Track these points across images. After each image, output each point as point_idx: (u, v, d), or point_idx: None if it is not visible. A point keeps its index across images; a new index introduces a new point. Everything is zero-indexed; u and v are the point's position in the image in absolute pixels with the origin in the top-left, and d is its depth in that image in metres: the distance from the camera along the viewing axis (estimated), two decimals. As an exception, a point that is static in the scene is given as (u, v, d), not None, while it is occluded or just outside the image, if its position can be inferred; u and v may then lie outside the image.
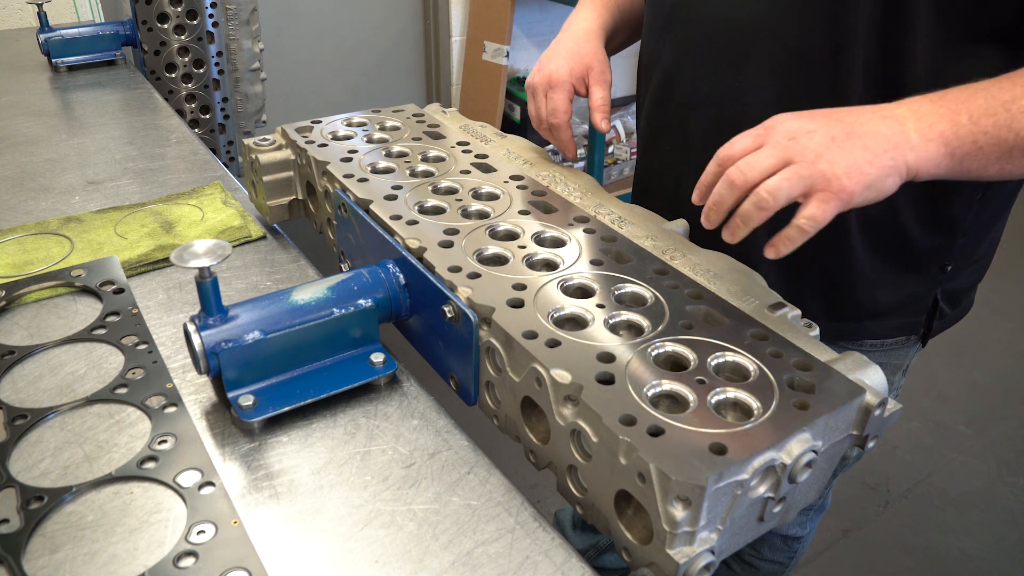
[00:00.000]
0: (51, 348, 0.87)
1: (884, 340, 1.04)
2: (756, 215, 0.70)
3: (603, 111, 1.01)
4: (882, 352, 1.05)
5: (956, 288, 1.03)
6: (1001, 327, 2.87)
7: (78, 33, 1.88)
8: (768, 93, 0.91)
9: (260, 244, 1.11)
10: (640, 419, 0.58)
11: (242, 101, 2.04)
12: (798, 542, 1.39)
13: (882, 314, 1.01)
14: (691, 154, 1.00)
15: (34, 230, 1.12)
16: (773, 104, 0.90)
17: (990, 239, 1.03)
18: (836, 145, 0.68)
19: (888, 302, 1.00)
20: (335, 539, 0.64)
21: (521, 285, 0.75)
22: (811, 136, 0.69)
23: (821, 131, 0.69)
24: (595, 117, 1.01)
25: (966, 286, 1.05)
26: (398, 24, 3.49)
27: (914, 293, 1.00)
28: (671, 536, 0.54)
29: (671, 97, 1.02)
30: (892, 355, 1.06)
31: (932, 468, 2.27)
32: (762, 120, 0.75)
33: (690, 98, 0.98)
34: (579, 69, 1.02)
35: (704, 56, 0.96)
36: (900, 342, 1.05)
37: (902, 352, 1.07)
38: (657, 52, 1.04)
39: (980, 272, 1.07)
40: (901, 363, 1.08)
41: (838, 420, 0.61)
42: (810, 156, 0.68)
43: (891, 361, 1.06)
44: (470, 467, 0.72)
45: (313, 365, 0.79)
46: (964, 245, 0.98)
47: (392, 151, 1.04)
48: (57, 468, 0.70)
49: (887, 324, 1.02)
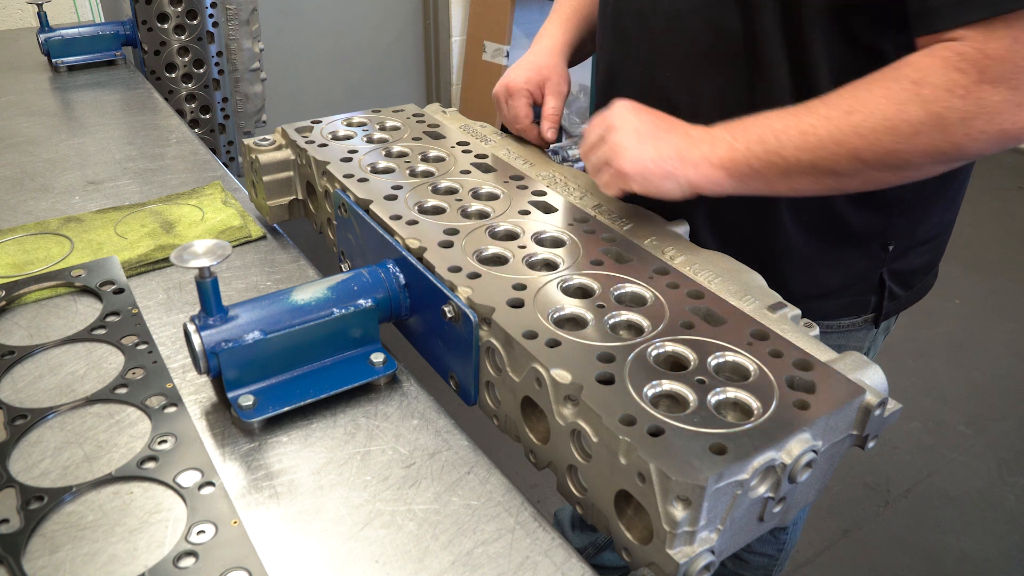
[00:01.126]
0: (51, 348, 0.87)
1: (836, 321, 1.06)
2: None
3: (551, 120, 1.09)
4: (839, 334, 1.07)
5: (905, 269, 1.04)
6: (1001, 327, 2.88)
7: (78, 33, 1.88)
8: (695, 85, 0.94)
9: (260, 244, 1.11)
10: (640, 419, 0.58)
11: (242, 101, 2.04)
12: (785, 533, 1.39)
13: (826, 294, 1.03)
14: None
15: (34, 230, 1.12)
16: (702, 96, 0.94)
17: (936, 221, 1.04)
18: (636, 138, 0.83)
19: (831, 282, 1.02)
20: (335, 539, 0.64)
21: (521, 285, 0.75)
22: (625, 128, 0.84)
23: (635, 127, 0.84)
24: (543, 126, 1.09)
25: (916, 267, 1.06)
26: (398, 24, 3.49)
27: (857, 272, 1.02)
28: (671, 536, 0.54)
29: (612, 90, 1.05)
30: (850, 338, 1.08)
31: (932, 468, 2.27)
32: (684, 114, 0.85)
33: (627, 91, 1.01)
34: (536, 78, 1.10)
35: (636, 49, 1.00)
36: (856, 324, 1.07)
37: (859, 335, 1.08)
38: (602, 50, 1.09)
39: (932, 255, 1.08)
40: (861, 346, 1.10)
41: (838, 420, 0.61)
42: (612, 139, 0.84)
43: (849, 344, 1.08)
44: (470, 467, 0.72)
45: (313, 365, 0.79)
46: (905, 225, 1.00)
47: (392, 151, 1.04)
48: (57, 468, 0.70)
49: (834, 304, 1.04)
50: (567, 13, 1.18)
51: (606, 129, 0.85)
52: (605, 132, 0.85)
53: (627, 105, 0.86)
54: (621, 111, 0.85)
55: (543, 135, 1.08)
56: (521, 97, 1.09)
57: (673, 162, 0.81)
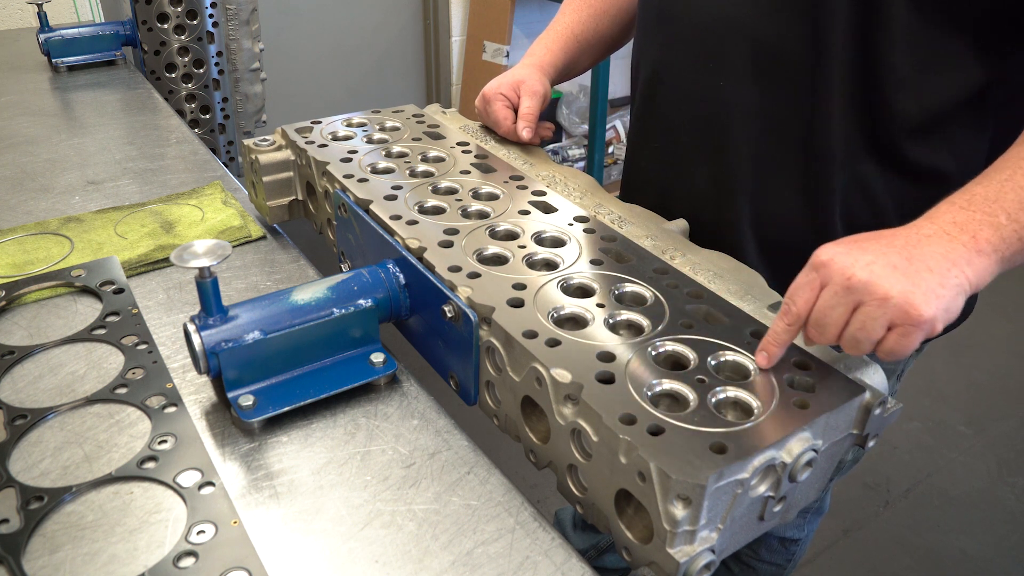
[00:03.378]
0: (51, 348, 0.87)
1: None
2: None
3: (526, 119, 1.07)
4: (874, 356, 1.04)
5: None
6: (1001, 327, 2.87)
7: (78, 33, 1.88)
8: (749, 94, 0.92)
9: (260, 244, 1.11)
10: (640, 418, 0.58)
11: (242, 101, 2.04)
12: (796, 544, 1.38)
13: None
14: (678, 153, 1.02)
15: (34, 230, 1.12)
16: (752, 105, 0.91)
17: None
18: (900, 274, 0.64)
19: None
20: (335, 539, 0.64)
21: (521, 285, 0.75)
22: (871, 269, 0.64)
23: (879, 261, 0.64)
24: (518, 125, 1.08)
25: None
26: (398, 24, 3.49)
27: None
28: (671, 535, 0.54)
29: (657, 96, 1.03)
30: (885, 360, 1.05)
31: (932, 468, 2.27)
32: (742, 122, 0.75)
33: (675, 97, 0.99)
34: (511, 82, 1.10)
35: (687, 56, 0.97)
36: None
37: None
38: (645, 51, 1.06)
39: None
40: (895, 368, 1.08)
41: (838, 419, 0.61)
42: (879, 293, 0.63)
43: (885, 366, 1.06)
44: (470, 467, 0.72)
45: (313, 365, 0.79)
46: None
47: (392, 151, 1.04)
48: (57, 468, 0.70)
49: None
50: (560, 33, 1.17)
51: (847, 289, 0.64)
52: (850, 293, 0.64)
53: (840, 250, 0.66)
54: (843, 258, 0.65)
55: (519, 134, 1.07)
56: (497, 101, 1.09)
57: (953, 272, 0.65)
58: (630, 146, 1.16)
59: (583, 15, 1.16)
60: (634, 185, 1.16)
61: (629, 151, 1.16)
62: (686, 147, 1.00)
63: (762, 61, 0.89)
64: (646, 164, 1.10)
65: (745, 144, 0.93)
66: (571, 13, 1.17)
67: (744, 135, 0.92)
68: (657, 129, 1.05)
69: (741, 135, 0.93)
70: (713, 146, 0.96)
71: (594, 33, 1.17)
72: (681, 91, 0.99)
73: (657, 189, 1.07)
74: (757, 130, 0.91)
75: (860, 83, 0.85)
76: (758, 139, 0.92)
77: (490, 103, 1.10)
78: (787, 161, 0.91)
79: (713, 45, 0.93)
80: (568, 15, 1.17)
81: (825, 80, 0.86)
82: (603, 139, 3.19)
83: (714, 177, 0.97)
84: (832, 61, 0.85)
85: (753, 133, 0.91)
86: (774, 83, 0.90)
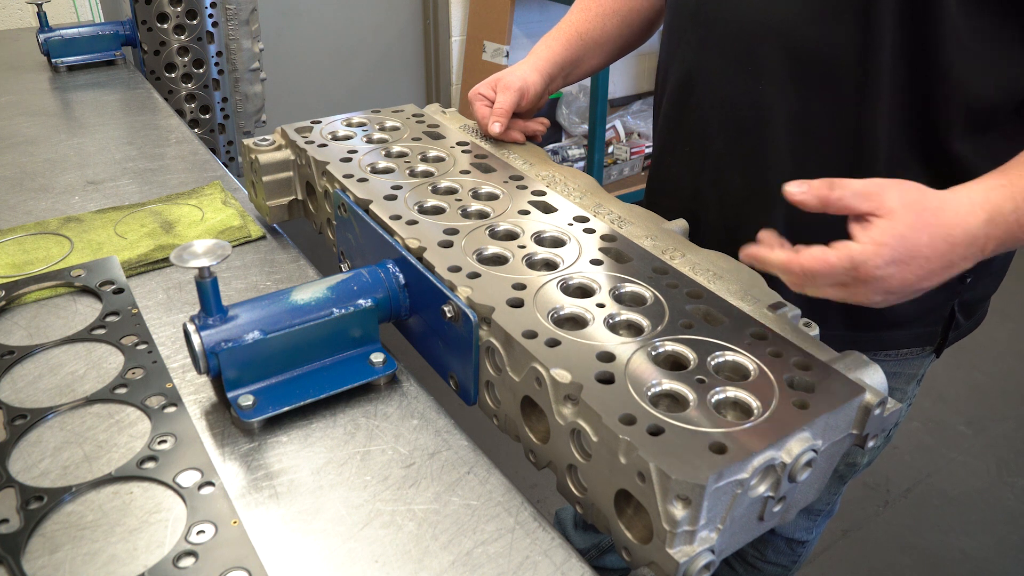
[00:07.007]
0: (51, 348, 0.87)
1: (899, 350, 1.03)
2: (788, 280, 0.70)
3: (497, 114, 1.06)
4: (896, 362, 1.04)
5: (972, 298, 1.02)
6: (1001, 327, 2.87)
7: (78, 33, 1.87)
8: (790, 98, 0.90)
9: (260, 244, 1.11)
10: (640, 418, 0.58)
11: (242, 101, 2.04)
12: (803, 546, 1.38)
13: (899, 324, 1.00)
14: (710, 156, 1.00)
15: (34, 230, 1.12)
16: (793, 109, 0.89)
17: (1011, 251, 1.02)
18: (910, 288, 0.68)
19: (907, 313, 0.98)
20: (335, 539, 0.64)
21: (521, 285, 0.75)
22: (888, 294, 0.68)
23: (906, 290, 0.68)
24: (489, 120, 1.07)
25: (981, 296, 1.04)
26: (398, 24, 3.49)
27: (932, 304, 0.98)
28: (671, 535, 0.54)
29: (689, 99, 1.01)
30: (906, 365, 1.05)
31: (932, 468, 2.27)
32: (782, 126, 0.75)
33: (708, 100, 0.97)
34: (490, 80, 1.11)
35: (722, 58, 0.95)
36: (915, 352, 1.04)
37: (916, 362, 1.05)
38: (677, 53, 1.03)
39: (996, 282, 1.06)
40: (915, 372, 1.07)
41: (838, 419, 0.61)
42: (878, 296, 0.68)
43: (905, 371, 1.05)
44: (470, 467, 0.72)
45: (313, 365, 0.79)
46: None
47: (392, 151, 1.04)
48: (57, 468, 0.70)
49: (904, 335, 1.01)
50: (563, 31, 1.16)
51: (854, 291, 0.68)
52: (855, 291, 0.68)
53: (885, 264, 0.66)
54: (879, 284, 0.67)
55: (489, 129, 1.06)
56: (476, 100, 1.10)
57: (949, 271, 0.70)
58: (657, 149, 1.14)
59: (590, 14, 1.16)
60: (662, 189, 1.14)
61: (656, 154, 1.14)
62: (720, 151, 0.98)
63: (804, 65, 0.87)
64: (676, 167, 1.08)
65: (784, 149, 0.91)
66: (578, 13, 1.17)
67: (783, 140, 0.91)
68: (689, 132, 1.03)
69: (780, 140, 0.91)
70: (749, 150, 0.94)
71: (601, 32, 1.16)
72: (716, 94, 0.97)
73: (688, 193, 1.06)
74: (797, 134, 0.89)
75: (909, 85, 0.84)
76: (798, 143, 0.90)
77: (472, 103, 1.11)
78: (828, 166, 0.89)
79: (752, 48, 0.91)
80: (575, 14, 1.17)
81: (874, 83, 0.84)
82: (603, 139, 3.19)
83: (749, 182, 0.96)
84: (882, 64, 0.83)
85: (793, 138, 0.89)
86: (817, 87, 0.88)
